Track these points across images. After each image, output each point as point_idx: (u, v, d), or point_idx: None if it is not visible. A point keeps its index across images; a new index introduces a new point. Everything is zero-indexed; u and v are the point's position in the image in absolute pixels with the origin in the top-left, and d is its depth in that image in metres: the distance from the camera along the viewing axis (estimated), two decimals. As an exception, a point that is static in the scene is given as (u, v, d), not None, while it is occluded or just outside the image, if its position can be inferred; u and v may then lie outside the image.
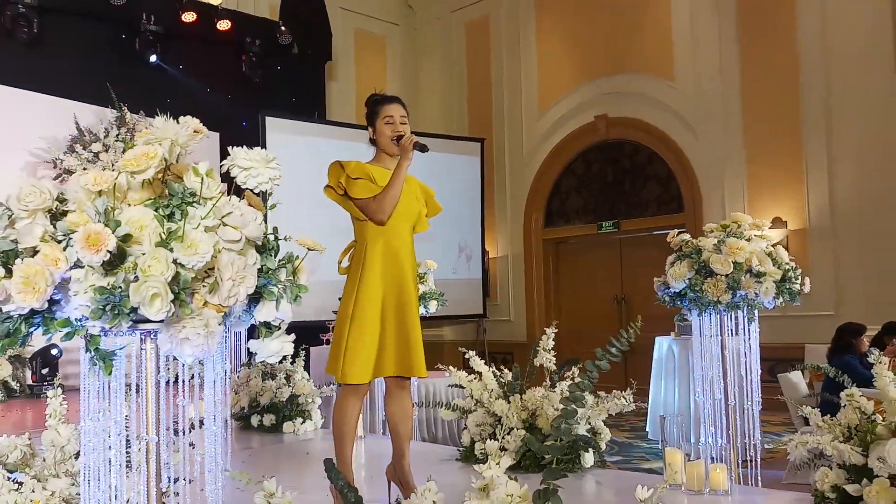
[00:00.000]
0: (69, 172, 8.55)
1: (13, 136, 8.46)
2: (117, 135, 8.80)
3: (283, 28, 10.62)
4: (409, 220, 3.38)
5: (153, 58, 9.62)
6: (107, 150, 8.71)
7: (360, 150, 3.71)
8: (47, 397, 7.12)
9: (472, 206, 11.48)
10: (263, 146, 9.52)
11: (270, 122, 9.79)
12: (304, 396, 5.47)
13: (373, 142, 3.45)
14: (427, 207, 3.53)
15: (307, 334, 5.85)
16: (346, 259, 3.38)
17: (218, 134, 8.55)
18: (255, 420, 5.45)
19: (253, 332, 1.94)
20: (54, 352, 7.82)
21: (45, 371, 7.89)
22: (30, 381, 7.90)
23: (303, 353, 5.73)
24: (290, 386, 5.46)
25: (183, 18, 9.72)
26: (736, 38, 9.56)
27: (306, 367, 5.94)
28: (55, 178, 8.52)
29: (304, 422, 5.42)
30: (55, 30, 8.96)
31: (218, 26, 10.03)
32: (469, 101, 12.55)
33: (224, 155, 1.88)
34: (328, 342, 7.11)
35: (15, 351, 7.91)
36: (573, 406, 1.41)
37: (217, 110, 9.89)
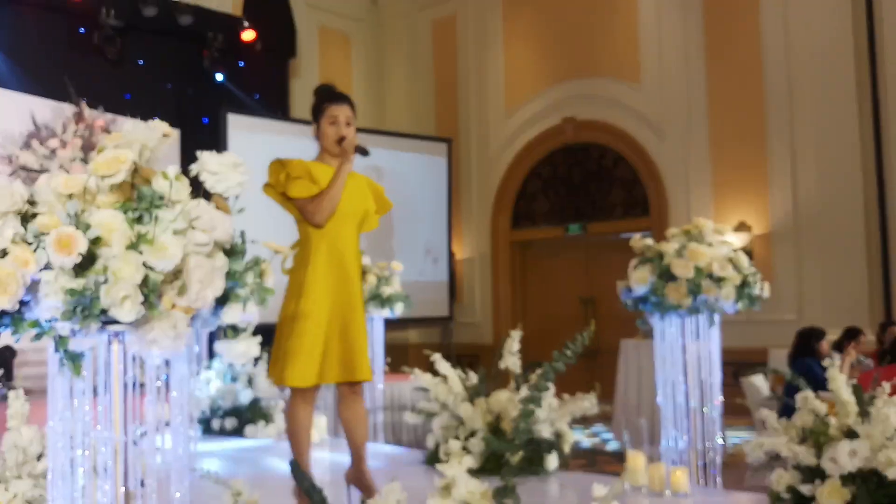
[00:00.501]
0: (25, 169, 8.41)
1: (-32, 131, 8.30)
2: (75, 131, 8.67)
3: (245, 24, 10.51)
4: (353, 220, 3.32)
5: (112, 52, 9.47)
6: (64, 147, 8.58)
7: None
8: (2, 399, 7.01)
9: (439, 207, 11.50)
10: (225, 144, 9.45)
11: (233, 119, 9.70)
12: (267, 400, 5.42)
13: (317, 137, 3.38)
14: (377, 205, 3.47)
15: (271, 336, 5.83)
16: (290, 259, 3.30)
17: (179, 131, 8.47)
18: (216, 424, 5.38)
19: (215, 336, 1.95)
20: (7, 353, 7.70)
21: (-2, 373, 7.76)
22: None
23: (265, 355, 5.68)
24: (252, 389, 5.40)
25: (143, 13, 9.59)
26: (702, 43, 9.72)
27: (270, 369, 5.90)
28: (10, 175, 8.39)
29: (266, 425, 5.36)
30: (11, 22, 8.77)
31: (179, 21, 9.89)
32: (436, 101, 12.55)
33: (185, 152, 1.89)
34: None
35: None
36: (531, 406, 1.45)
37: (178, 107, 9.80)
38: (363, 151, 3.23)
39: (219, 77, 10.48)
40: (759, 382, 6.03)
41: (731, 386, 6.36)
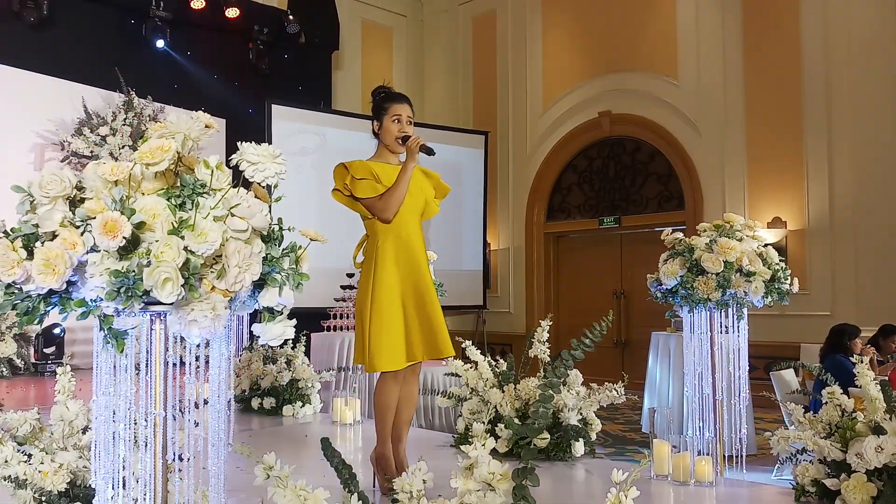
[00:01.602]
0: (77, 155, 8.67)
1: (22, 118, 8.57)
2: (125, 119, 8.91)
3: (290, 17, 10.72)
4: (416, 211, 3.48)
5: (160, 43, 9.71)
6: (114, 134, 8.82)
7: (364, 139, 3.79)
8: (51, 375, 7.26)
9: (475, 198, 11.58)
10: (269, 134, 9.61)
11: (276, 110, 9.88)
12: (304, 381, 5.57)
13: (376, 135, 3.53)
14: (436, 191, 3.63)
15: (309, 320, 5.95)
16: (361, 254, 3.48)
17: (224, 120, 8.65)
18: (255, 403, 5.55)
19: (255, 317, 2.03)
20: (57, 331, 7.96)
21: (47, 350, 8.04)
22: (32, 360, 8.03)
23: (304, 338, 5.84)
24: (290, 370, 5.56)
25: (192, 5, 9.82)
26: (740, 37, 9.64)
27: (307, 353, 6.04)
28: (63, 161, 8.64)
29: (303, 405, 5.52)
30: (64, 12, 9.05)
31: (226, 14, 10.13)
32: (474, 95, 12.63)
33: (230, 141, 1.98)
34: (329, 329, 7.23)
35: (20, 329, 8.06)
36: (550, 391, 1.52)
37: (224, 97, 10.00)
38: (429, 151, 3.37)
39: (264, 68, 10.68)
40: (788, 377, 6.01)
41: (761, 380, 6.33)
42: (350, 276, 7.19)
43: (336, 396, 5.17)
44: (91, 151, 8.66)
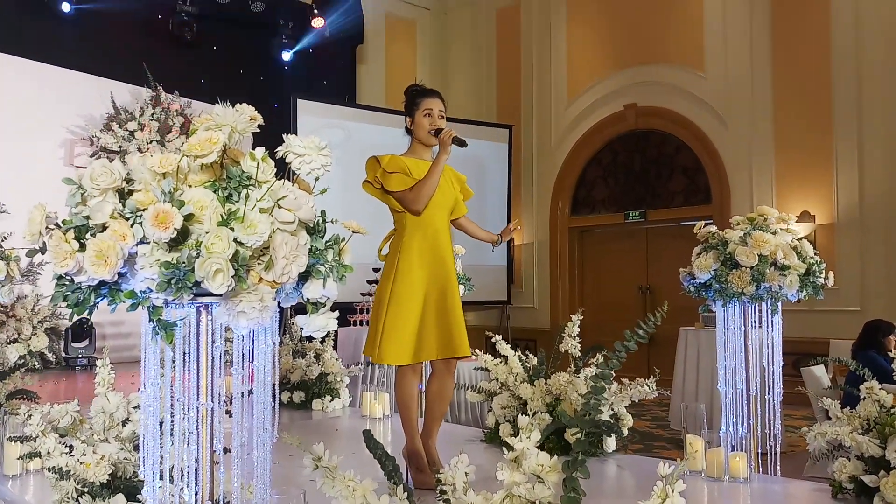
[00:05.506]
0: (105, 150, 8.75)
1: (52, 113, 8.67)
2: (152, 114, 8.99)
3: (315, 11, 10.77)
4: (445, 208, 3.50)
5: (187, 36, 9.81)
6: (142, 129, 8.89)
7: (388, 134, 3.81)
8: (82, 369, 7.30)
9: (499, 192, 11.56)
10: (294, 129, 9.65)
11: (302, 104, 9.92)
12: (333, 375, 5.60)
13: (408, 131, 3.55)
14: (461, 193, 3.66)
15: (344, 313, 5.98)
16: (387, 247, 3.50)
17: (250, 115, 8.67)
18: (284, 397, 5.59)
19: (282, 312, 2.04)
20: (86, 325, 8.06)
21: (77, 344, 8.14)
22: (63, 354, 8.13)
23: (332, 333, 5.86)
24: (319, 364, 5.59)
25: (218, 0, 9.88)
26: (768, 28, 9.54)
27: (334, 348, 6.07)
28: (92, 156, 8.73)
29: (332, 399, 5.55)
30: (92, 7, 9.13)
31: (252, 8, 10.20)
32: (498, 88, 12.60)
33: (256, 136, 1.99)
34: (356, 323, 7.25)
35: (50, 324, 8.14)
36: (602, 383, 1.51)
37: (249, 92, 10.04)
38: (461, 143, 3.36)
39: (288, 63, 10.74)
40: (819, 373, 5.95)
41: (790, 376, 6.26)
42: (376, 270, 7.19)
43: (365, 391, 5.20)
44: (119, 146, 8.75)
